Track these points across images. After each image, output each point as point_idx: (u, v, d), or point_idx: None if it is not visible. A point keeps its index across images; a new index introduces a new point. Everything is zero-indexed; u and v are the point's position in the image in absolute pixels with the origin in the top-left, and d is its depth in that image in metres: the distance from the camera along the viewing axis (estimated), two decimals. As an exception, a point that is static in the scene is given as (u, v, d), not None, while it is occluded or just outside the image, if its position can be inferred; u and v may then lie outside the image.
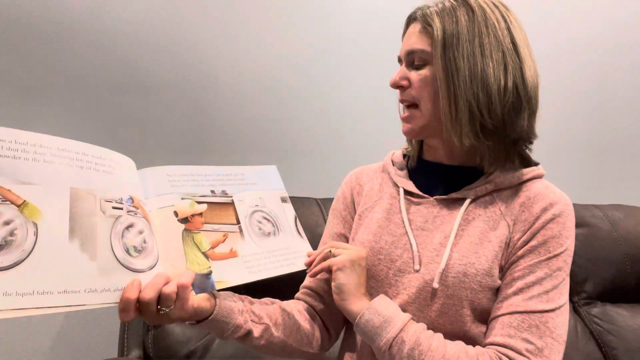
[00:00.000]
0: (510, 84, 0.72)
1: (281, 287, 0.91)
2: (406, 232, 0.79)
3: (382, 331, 0.70)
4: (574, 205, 0.78)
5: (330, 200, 0.97)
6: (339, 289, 0.73)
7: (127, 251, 0.59)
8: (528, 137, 0.77)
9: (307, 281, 0.89)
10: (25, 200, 0.53)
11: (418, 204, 0.82)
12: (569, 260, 0.73)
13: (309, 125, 1.60)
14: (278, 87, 1.57)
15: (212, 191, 0.75)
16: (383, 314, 0.71)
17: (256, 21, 1.55)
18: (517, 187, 0.78)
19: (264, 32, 1.55)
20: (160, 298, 0.58)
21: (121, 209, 0.61)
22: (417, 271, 0.76)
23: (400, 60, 0.81)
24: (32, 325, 1.37)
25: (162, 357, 1.13)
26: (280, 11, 1.57)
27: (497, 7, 0.75)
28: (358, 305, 0.73)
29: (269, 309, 0.76)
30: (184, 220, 0.69)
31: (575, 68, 1.83)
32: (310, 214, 1.32)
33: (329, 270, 0.75)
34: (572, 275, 0.76)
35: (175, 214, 0.69)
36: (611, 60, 1.85)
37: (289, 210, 0.84)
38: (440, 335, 0.71)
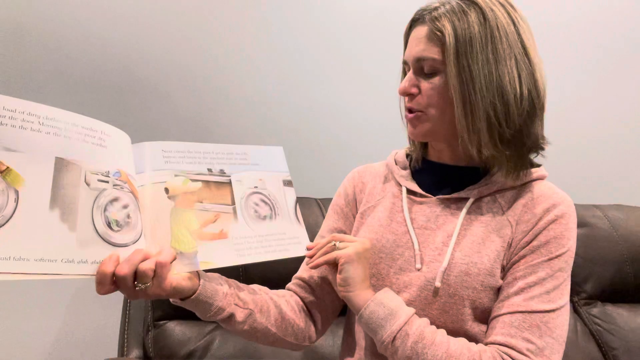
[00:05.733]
0: (525, 92, 0.70)
1: (276, 278, 0.90)
2: (408, 231, 0.78)
3: (387, 323, 0.69)
4: (574, 205, 0.76)
5: (330, 200, 0.94)
6: (345, 281, 0.72)
7: (109, 225, 0.59)
8: (542, 143, 0.75)
9: (301, 272, 0.88)
10: (8, 167, 0.54)
11: (421, 203, 0.81)
12: (571, 261, 0.73)
13: (309, 125, 1.57)
14: (278, 87, 1.54)
15: (209, 170, 0.74)
16: (388, 306, 0.70)
17: (256, 21, 1.51)
18: (520, 187, 0.77)
19: (263, 32, 1.52)
20: (137, 274, 0.58)
21: (107, 182, 0.61)
22: (419, 270, 0.75)
23: (405, 64, 0.78)
24: (33, 325, 1.36)
25: (162, 357, 1.11)
26: (281, 9, 1.53)
27: (503, 6, 0.71)
28: (363, 297, 0.72)
29: (256, 295, 0.76)
30: (175, 198, 0.68)
31: (575, 67, 1.77)
32: (310, 214, 1.30)
33: (331, 263, 0.74)
34: (572, 275, 0.75)
35: (166, 190, 0.68)
36: (612, 58, 1.79)
37: (290, 195, 0.81)
38: (443, 331, 0.71)
